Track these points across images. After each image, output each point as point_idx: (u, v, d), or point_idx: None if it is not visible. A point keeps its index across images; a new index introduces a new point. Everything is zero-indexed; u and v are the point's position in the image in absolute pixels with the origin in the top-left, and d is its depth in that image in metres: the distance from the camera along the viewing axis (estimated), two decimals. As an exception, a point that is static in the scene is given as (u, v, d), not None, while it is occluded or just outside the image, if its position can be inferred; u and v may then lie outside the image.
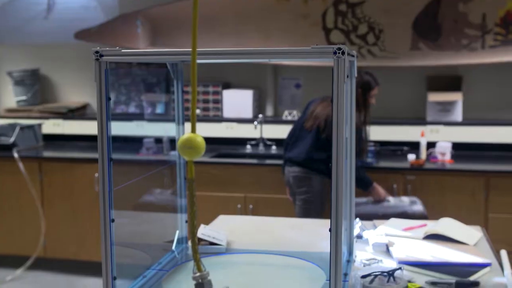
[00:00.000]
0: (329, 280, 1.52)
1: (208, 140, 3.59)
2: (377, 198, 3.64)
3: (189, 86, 4.75)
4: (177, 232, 2.11)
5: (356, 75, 1.86)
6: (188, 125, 2.24)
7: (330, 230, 1.46)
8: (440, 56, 4.30)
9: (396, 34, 4.33)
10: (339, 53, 1.36)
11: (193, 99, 0.78)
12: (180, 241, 2.11)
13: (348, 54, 1.44)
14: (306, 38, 4.44)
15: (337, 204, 1.46)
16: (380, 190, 3.66)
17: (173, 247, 2.07)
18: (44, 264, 4.56)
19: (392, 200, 3.60)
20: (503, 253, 2.14)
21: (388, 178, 3.94)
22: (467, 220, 2.68)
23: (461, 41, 4.24)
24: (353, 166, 1.91)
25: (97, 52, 1.47)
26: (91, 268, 4.41)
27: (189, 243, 0.68)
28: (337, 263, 1.48)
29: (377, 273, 1.73)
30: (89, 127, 4.94)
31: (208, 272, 0.79)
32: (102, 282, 1.59)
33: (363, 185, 3.62)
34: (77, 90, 5.21)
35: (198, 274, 0.79)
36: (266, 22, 4.49)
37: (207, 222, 2.48)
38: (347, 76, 1.42)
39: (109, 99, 1.49)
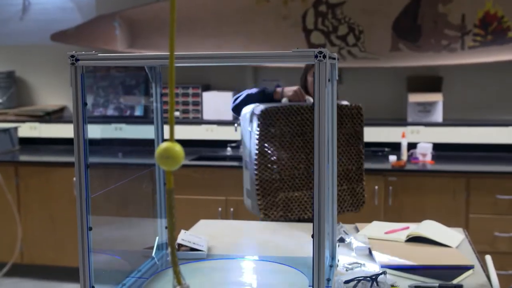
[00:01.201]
0: (312, 286, 1.51)
1: (188, 143, 3.55)
2: (290, 95, 2.73)
3: (168, 89, 4.71)
4: (157, 238, 2.08)
5: (337, 78, 1.85)
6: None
7: (312, 236, 1.45)
8: (420, 57, 4.32)
9: (376, 35, 4.34)
10: (320, 56, 1.35)
11: (171, 107, 0.76)
12: (160, 247, 2.08)
13: (330, 57, 1.42)
14: (287, 39, 4.43)
15: (320, 209, 1.45)
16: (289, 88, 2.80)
17: (153, 254, 2.04)
18: (21, 270, 4.49)
19: (311, 99, 2.68)
20: (488, 259, 2.14)
21: (370, 179, 3.93)
22: (448, 221, 2.69)
23: (441, 42, 4.26)
24: (335, 169, 1.90)
25: (72, 56, 1.44)
26: (70, 274, 4.35)
27: (169, 251, 0.66)
28: (320, 269, 1.47)
29: (360, 278, 1.72)
30: (66, 131, 4.88)
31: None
32: (80, 290, 1.56)
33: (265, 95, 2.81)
34: (54, 93, 5.15)
35: (178, 287, 0.77)
36: (247, 23, 4.47)
37: (187, 227, 2.45)
38: (329, 80, 1.41)
39: (86, 104, 1.46)
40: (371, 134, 4.46)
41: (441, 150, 4.31)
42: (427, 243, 2.25)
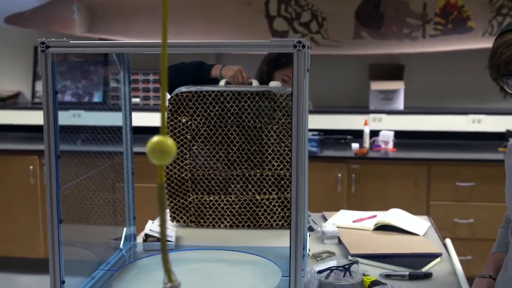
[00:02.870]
0: (287, 276, 1.51)
1: (149, 130, 3.46)
2: (229, 77, 2.44)
3: (138, 75, 4.66)
4: (125, 229, 2.05)
5: (309, 67, 1.85)
6: (136, 116, 2.19)
7: (286, 224, 1.45)
8: (383, 45, 4.36)
9: (339, 22, 4.36)
10: (299, 46, 1.34)
11: (162, 100, 0.74)
12: (128, 238, 2.06)
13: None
14: (249, 26, 4.41)
15: (297, 198, 1.45)
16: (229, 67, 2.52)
17: (121, 245, 2.01)
18: (-25, 261, 4.38)
19: (255, 83, 2.41)
20: (448, 242, 2.20)
21: (332, 167, 3.98)
22: (410, 208, 2.73)
23: (403, 30, 4.31)
24: (306, 160, 1.90)
25: (43, 43, 1.39)
26: (27, 265, 4.26)
27: (160, 248, 0.65)
28: (297, 259, 1.48)
29: (333, 268, 1.73)
30: (22, 117, 4.75)
31: (179, 283, 0.76)
32: (48, 283, 1.53)
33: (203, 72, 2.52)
34: (8, 78, 4.99)
35: (169, 285, 0.76)
36: (209, 9, 4.42)
37: (153, 216, 2.42)
38: (307, 70, 1.40)
39: (57, 93, 1.42)
40: (334, 121, 4.50)
41: (402, 137, 4.37)
42: (395, 232, 2.28)
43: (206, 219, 2.37)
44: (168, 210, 2.37)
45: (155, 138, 0.78)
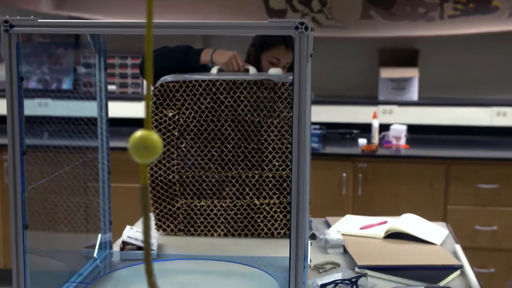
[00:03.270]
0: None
1: (126, 122, 3.46)
2: (223, 63, 2.45)
3: (114, 59, 4.64)
4: (99, 236, 2.05)
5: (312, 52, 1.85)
6: (113, 105, 2.18)
7: (288, 232, 1.45)
8: (394, 26, 4.36)
9: (345, 0, 4.36)
10: (301, 28, 1.34)
11: (148, 88, 0.74)
12: (103, 246, 2.05)
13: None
14: (241, 3, 4.40)
15: (298, 201, 1.45)
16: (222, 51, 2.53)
17: (95, 254, 2.01)
18: None
19: (252, 70, 2.40)
20: (458, 248, 2.21)
21: (336, 166, 3.98)
22: (425, 213, 2.74)
23: (418, 10, 4.31)
24: (308, 158, 1.90)
25: (6, 21, 1.39)
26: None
27: (144, 258, 0.64)
28: (297, 271, 1.48)
29: (337, 281, 1.74)
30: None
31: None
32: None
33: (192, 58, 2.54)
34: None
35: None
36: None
37: (132, 221, 2.42)
38: (311, 55, 1.40)
39: (22, 79, 1.41)
40: (338, 113, 4.51)
41: (416, 132, 4.38)
42: (408, 240, 2.28)
43: (196, 227, 2.35)
44: (152, 218, 2.35)
45: (139, 133, 0.78)
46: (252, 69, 2.39)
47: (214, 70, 2.37)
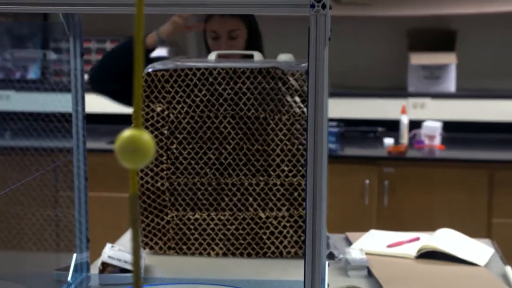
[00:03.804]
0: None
1: (107, 118, 3.47)
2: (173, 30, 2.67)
3: (91, 42, 4.66)
4: (74, 255, 2.05)
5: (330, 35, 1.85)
6: (91, 98, 2.18)
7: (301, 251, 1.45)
8: (426, 3, 4.36)
9: (368, -29, 4.37)
10: (318, 6, 1.34)
11: (137, 77, 0.74)
12: (78, 268, 2.06)
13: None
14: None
15: (314, 214, 1.45)
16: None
17: (69, 278, 2.02)
18: None
19: (257, 57, 2.43)
20: (509, 270, 2.20)
21: (358, 171, 3.98)
22: (465, 228, 2.73)
23: (455, -17, 4.32)
24: (325, 162, 1.90)
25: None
26: None
27: (132, 279, 0.66)
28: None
29: (361, 310, 1.74)
30: None
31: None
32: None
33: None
34: None
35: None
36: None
37: (114, 238, 2.43)
38: (329, 39, 1.40)
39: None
40: (359, 108, 4.51)
41: (454, 130, 4.38)
42: (445, 260, 2.28)
43: (190, 245, 2.32)
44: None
45: (127, 133, 0.78)
46: (257, 55, 2.38)
47: (212, 56, 2.36)
